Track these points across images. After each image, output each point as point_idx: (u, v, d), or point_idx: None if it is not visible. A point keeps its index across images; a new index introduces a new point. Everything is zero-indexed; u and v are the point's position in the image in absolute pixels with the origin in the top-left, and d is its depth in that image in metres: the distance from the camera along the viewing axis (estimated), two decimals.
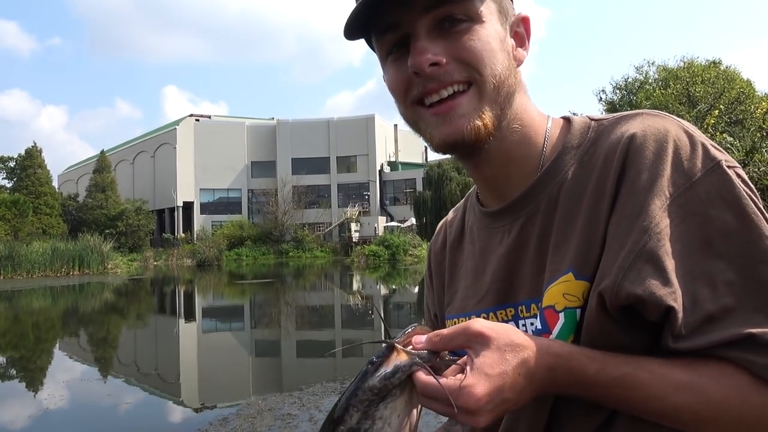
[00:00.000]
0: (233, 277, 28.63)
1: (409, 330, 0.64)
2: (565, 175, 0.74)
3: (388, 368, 0.61)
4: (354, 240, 46.13)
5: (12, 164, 52.20)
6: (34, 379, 7.49)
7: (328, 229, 52.53)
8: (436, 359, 0.62)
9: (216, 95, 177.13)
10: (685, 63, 28.83)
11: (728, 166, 0.65)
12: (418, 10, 0.69)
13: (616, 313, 0.64)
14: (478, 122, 0.71)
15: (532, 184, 0.76)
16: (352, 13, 0.70)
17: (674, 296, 0.61)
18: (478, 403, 0.58)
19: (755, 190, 0.67)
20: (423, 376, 0.60)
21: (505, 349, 0.61)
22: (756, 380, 0.59)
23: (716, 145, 0.68)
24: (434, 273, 0.98)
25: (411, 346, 0.63)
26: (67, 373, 7.62)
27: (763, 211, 0.64)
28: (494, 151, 0.76)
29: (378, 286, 21.17)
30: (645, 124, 0.69)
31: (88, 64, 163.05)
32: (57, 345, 10.53)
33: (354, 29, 0.73)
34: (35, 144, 48.27)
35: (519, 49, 0.75)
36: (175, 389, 6.77)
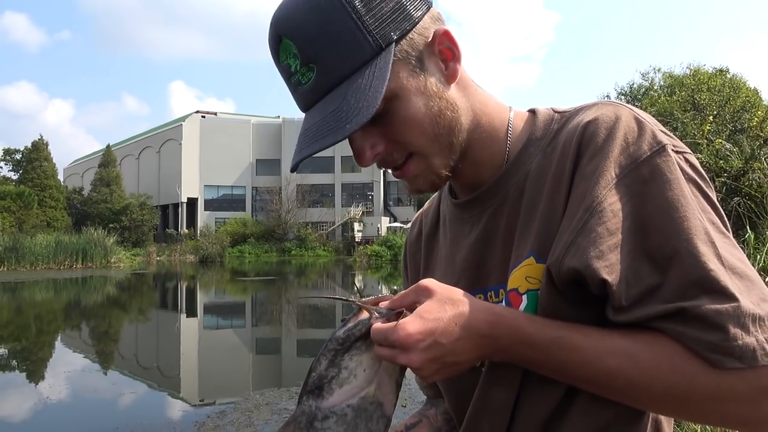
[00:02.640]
0: (235, 274, 28.70)
1: (380, 296, 0.71)
2: (530, 166, 0.77)
3: (352, 323, 0.68)
4: (357, 240, 46.17)
5: (18, 156, 52.43)
6: (35, 371, 7.57)
7: (331, 228, 52.57)
8: (396, 314, 0.67)
9: (223, 92, 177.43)
10: (691, 70, 28.76)
11: (675, 151, 0.68)
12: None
13: (565, 289, 0.68)
14: (431, 176, 0.77)
15: (499, 176, 0.80)
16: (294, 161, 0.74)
17: (609, 270, 0.63)
18: (408, 339, 0.62)
19: (705, 176, 0.70)
20: (375, 325, 0.66)
21: (446, 301, 0.65)
22: (688, 351, 0.61)
23: (667, 131, 0.71)
24: (410, 263, 1.01)
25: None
26: (68, 365, 7.70)
27: (708, 193, 0.68)
28: (460, 164, 0.80)
29: (379, 287, 21.21)
30: (599, 112, 0.72)
31: (96, 58, 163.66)
32: (59, 337, 10.61)
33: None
34: (42, 137, 48.43)
35: (450, 63, 0.74)
36: (175, 383, 6.84)
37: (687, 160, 0.69)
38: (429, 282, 0.68)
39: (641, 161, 0.67)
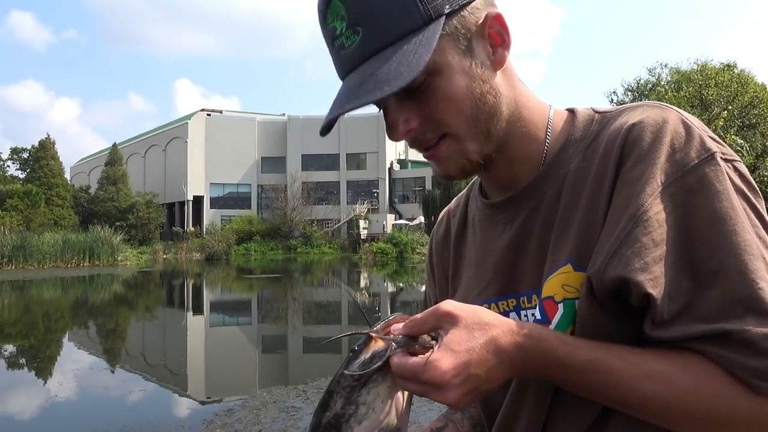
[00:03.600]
0: (241, 271, 28.77)
1: (390, 318, 0.66)
2: (568, 168, 0.74)
3: (366, 355, 0.63)
4: (362, 237, 46.18)
5: (25, 155, 52.70)
6: (43, 369, 7.59)
7: (337, 225, 52.63)
8: (414, 344, 0.63)
9: (228, 90, 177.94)
10: (698, 66, 28.62)
11: (724, 159, 0.65)
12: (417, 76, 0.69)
13: (605, 300, 0.65)
14: (462, 161, 0.74)
15: (535, 177, 0.76)
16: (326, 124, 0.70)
17: (653, 283, 0.61)
18: (444, 377, 0.58)
19: (755, 186, 0.67)
20: (396, 359, 0.61)
21: (473, 327, 0.61)
22: (729, 375, 0.58)
23: (715, 137, 0.68)
24: (436, 263, 0.97)
25: (391, 335, 0.65)
26: (75, 363, 7.72)
27: (757, 206, 0.65)
28: (496, 158, 0.77)
29: (385, 284, 21.21)
30: (644, 114, 0.69)
31: (101, 57, 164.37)
32: (66, 335, 10.65)
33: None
34: (48, 136, 48.72)
35: (498, 50, 0.72)
36: (182, 381, 6.85)
37: (736, 169, 0.66)
38: (450, 306, 0.63)
39: (688, 169, 0.64)
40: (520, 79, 0.78)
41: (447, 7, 0.67)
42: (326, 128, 0.70)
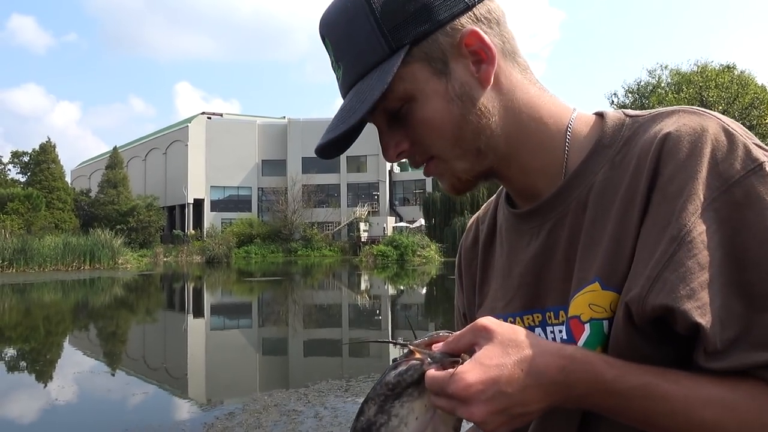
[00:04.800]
0: (242, 274, 28.76)
1: (434, 334, 0.66)
2: (596, 177, 0.70)
3: (404, 367, 0.63)
4: (363, 240, 46.17)
5: (26, 159, 52.77)
6: (43, 372, 7.58)
7: (337, 228, 52.62)
8: (451, 361, 0.61)
9: (228, 93, 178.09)
10: (698, 67, 28.65)
11: None
12: (369, 112, 0.70)
13: (644, 326, 0.61)
14: (453, 179, 0.75)
15: (561, 185, 0.73)
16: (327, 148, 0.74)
17: (702, 311, 0.56)
18: (468, 390, 0.56)
19: None
20: (428, 372, 0.60)
21: (508, 344, 0.58)
22: None
23: (762, 145, 0.63)
24: (464, 272, 0.94)
25: (431, 350, 0.64)
26: (76, 366, 7.71)
27: None
28: (505, 170, 0.75)
29: (386, 286, 21.20)
30: (681, 122, 0.64)
31: (102, 61, 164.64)
32: (67, 338, 10.64)
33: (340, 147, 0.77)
34: (49, 139, 48.77)
35: (483, 66, 0.69)
36: (183, 384, 6.83)
37: None
38: (488, 321, 0.60)
39: (734, 182, 0.59)
40: (538, 85, 0.75)
41: (413, 34, 0.67)
42: (323, 155, 0.75)
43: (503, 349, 0.58)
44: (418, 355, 0.63)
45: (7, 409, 5.79)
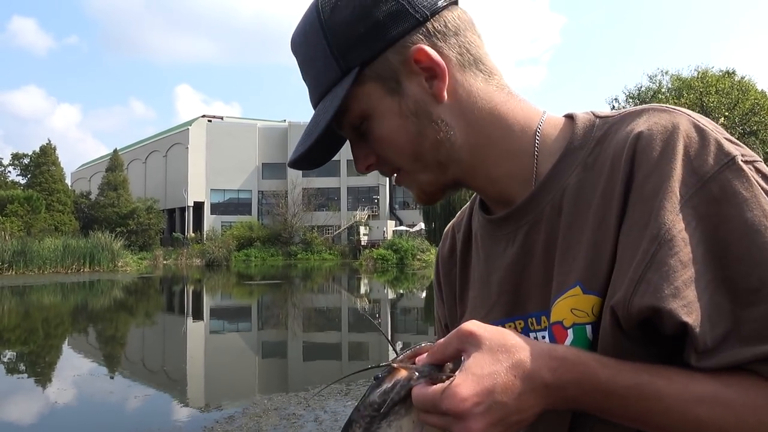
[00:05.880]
0: (241, 277, 28.75)
1: (416, 347, 0.63)
2: (569, 180, 0.69)
3: (388, 384, 0.60)
4: (362, 243, 46.18)
5: (26, 161, 52.81)
6: (42, 375, 7.57)
7: (337, 231, 52.63)
8: (439, 374, 0.58)
9: (229, 96, 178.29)
10: (698, 73, 28.70)
11: (745, 161, 0.60)
12: (338, 127, 0.75)
13: (631, 329, 0.60)
14: (418, 191, 0.77)
15: (534, 190, 0.72)
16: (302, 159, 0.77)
17: (688, 309, 0.56)
18: (464, 404, 0.53)
19: None
20: (416, 389, 0.57)
21: (498, 349, 0.56)
22: None
23: (733, 139, 0.63)
24: (444, 281, 0.92)
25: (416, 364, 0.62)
26: (75, 369, 7.70)
27: None
28: (471, 180, 0.75)
29: (385, 290, 21.18)
30: (652, 121, 0.64)
31: (103, 63, 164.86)
32: (66, 341, 10.63)
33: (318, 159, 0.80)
34: (50, 142, 48.82)
35: (434, 82, 0.69)
36: (182, 387, 6.82)
37: (759, 171, 0.61)
38: (474, 326, 0.58)
39: (709, 178, 0.59)
40: (506, 90, 0.75)
41: (364, 55, 0.69)
42: (299, 168, 0.79)
43: (493, 356, 0.56)
44: (403, 372, 0.60)
45: (6, 412, 5.78)
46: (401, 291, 20.74)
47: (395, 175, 0.77)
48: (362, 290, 21.04)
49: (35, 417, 5.60)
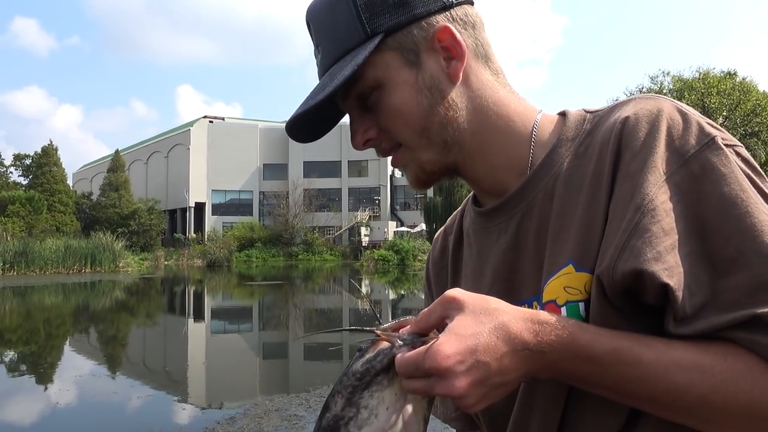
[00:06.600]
0: (243, 278, 28.75)
1: (401, 319, 0.63)
2: (561, 167, 0.72)
3: (371, 354, 0.60)
4: (363, 244, 46.19)
5: (28, 162, 52.87)
6: (44, 375, 7.57)
7: (338, 232, 52.63)
8: (423, 341, 0.58)
9: (230, 97, 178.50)
10: (700, 74, 28.68)
11: (725, 144, 0.63)
12: (341, 97, 0.76)
13: (617, 300, 0.62)
14: (417, 170, 0.77)
15: (527, 179, 0.75)
16: (296, 124, 0.77)
17: (669, 272, 0.58)
18: (447, 362, 0.54)
19: (759, 170, 0.64)
20: (400, 355, 0.58)
21: (481, 312, 0.58)
22: (765, 364, 0.55)
23: (714, 123, 0.66)
24: (434, 281, 0.94)
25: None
26: (76, 369, 7.71)
27: (764, 189, 0.62)
28: (470, 166, 0.77)
29: (386, 291, 21.17)
30: (638, 107, 0.67)
31: (104, 64, 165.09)
32: (67, 341, 10.64)
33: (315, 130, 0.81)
34: (51, 142, 48.96)
35: (453, 62, 0.72)
36: (184, 388, 6.83)
37: (738, 154, 0.64)
38: (456, 292, 0.59)
39: (689, 156, 0.62)
40: (509, 88, 0.78)
41: (385, 25, 0.71)
42: (293, 135, 0.79)
43: (476, 318, 0.57)
44: (385, 341, 0.60)
45: (8, 413, 5.79)
46: (402, 292, 20.73)
47: (392, 154, 0.77)
48: (363, 291, 21.03)
49: (36, 417, 5.60)
